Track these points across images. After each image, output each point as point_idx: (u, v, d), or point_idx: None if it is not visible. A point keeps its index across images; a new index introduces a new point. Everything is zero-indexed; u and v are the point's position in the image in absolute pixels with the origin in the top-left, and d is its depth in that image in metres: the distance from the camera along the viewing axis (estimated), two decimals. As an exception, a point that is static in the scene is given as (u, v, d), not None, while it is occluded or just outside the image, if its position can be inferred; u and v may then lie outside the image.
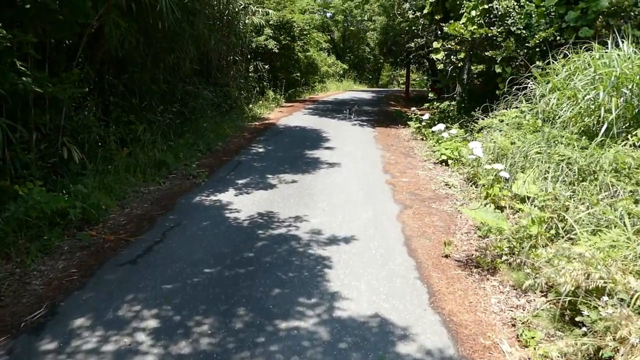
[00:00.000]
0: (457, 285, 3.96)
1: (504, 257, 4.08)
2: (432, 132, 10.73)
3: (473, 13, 9.39)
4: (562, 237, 4.10)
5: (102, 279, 4.05)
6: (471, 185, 6.79)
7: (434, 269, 4.25)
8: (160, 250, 4.63)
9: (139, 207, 6.01)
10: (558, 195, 4.36)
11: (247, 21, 16.17)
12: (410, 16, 12.27)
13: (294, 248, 4.72)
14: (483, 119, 8.45)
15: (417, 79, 52.38)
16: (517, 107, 7.66)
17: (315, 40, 26.20)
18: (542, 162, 5.41)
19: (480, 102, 10.55)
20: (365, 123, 14.55)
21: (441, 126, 9.71)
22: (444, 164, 8.43)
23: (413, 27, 17.11)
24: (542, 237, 4.20)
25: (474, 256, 4.44)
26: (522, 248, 4.11)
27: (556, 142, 5.48)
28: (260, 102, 17.31)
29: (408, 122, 13.99)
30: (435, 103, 11.49)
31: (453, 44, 9.99)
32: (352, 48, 43.13)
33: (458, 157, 8.15)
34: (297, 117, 15.56)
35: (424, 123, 11.43)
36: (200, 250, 4.62)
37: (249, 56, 16.55)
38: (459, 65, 10.11)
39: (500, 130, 7.34)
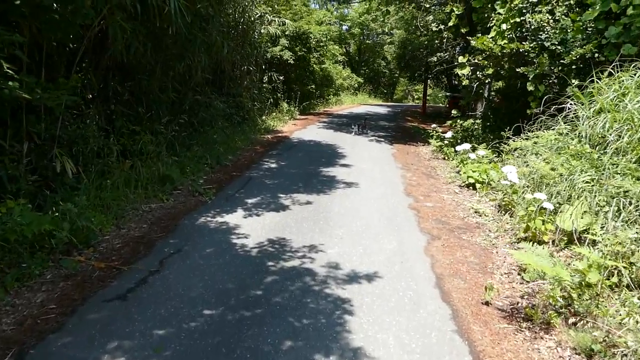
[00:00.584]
0: (505, 344, 3.30)
1: (560, 310, 3.42)
2: (456, 151, 10.09)
3: (504, 26, 8.79)
4: (629, 287, 3.44)
5: (84, 318, 3.46)
6: (504, 214, 6.13)
7: (474, 320, 3.60)
8: (156, 283, 4.03)
9: (137, 227, 5.44)
10: (623, 239, 3.69)
11: (262, 30, 15.72)
12: (434, 29, 11.67)
13: (309, 286, 4.09)
14: (514, 140, 7.80)
15: (431, 94, 51.82)
16: (554, 129, 7.00)
17: (331, 52, 25.78)
18: (592, 193, 4.75)
19: (507, 122, 9.93)
20: (382, 139, 13.95)
21: (466, 146, 9.07)
22: (470, 187, 7.78)
23: (435, 41, 16.54)
24: (603, 286, 3.54)
25: (520, 305, 3.77)
26: (582, 300, 3.45)
27: (610, 171, 4.82)
28: (274, 114, 16.82)
29: (428, 140, 13.39)
30: (458, 120, 10.86)
31: (480, 58, 9.38)
32: (368, 61, 42.74)
33: (487, 181, 7.50)
34: (311, 131, 15.00)
35: (446, 141, 10.81)
36: (201, 285, 4.01)
37: (263, 66, 16.08)
38: (486, 81, 9.49)
39: (537, 154, 6.68)
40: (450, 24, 9.93)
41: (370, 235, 5.42)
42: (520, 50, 8.58)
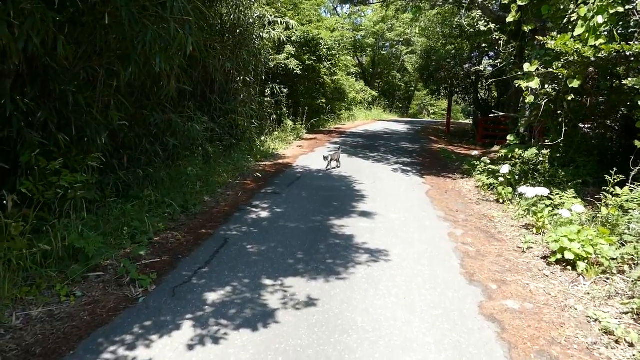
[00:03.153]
0: None
1: None
2: (518, 194, 7.33)
3: (599, 20, 6.04)
4: None
5: None
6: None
7: None
8: None
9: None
10: None
11: (264, 35, 13.11)
12: (482, 28, 8.96)
13: None
14: (613, 187, 5.04)
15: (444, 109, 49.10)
16: None
17: (344, 62, 23.19)
18: None
19: (598, 156, 7.19)
20: (409, 168, 11.17)
21: (541, 191, 6.29)
22: (564, 264, 4.99)
23: (481, 43, 13.80)
24: None
25: None
26: None
27: None
28: (276, 132, 14.16)
29: (466, 168, 10.63)
30: (516, 150, 8.09)
31: (558, 65, 6.62)
32: (382, 74, 40.15)
33: (594, 256, 4.72)
34: (319, 155, 12.25)
35: (501, 179, 8.02)
36: None
37: (263, 77, 13.45)
38: (568, 97, 6.71)
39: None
40: (510, 19, 7.26)
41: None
42: (627, 53, 5.83)
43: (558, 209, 6.41)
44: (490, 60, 10.12)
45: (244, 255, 4.98)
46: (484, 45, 12.73)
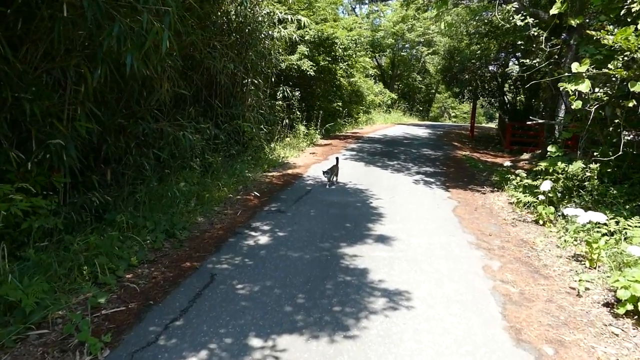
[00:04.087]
0: None
1: None
2: (562, 215, 6.27)
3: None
4: None
5: None
6: None
7: None
8: None
9: None
10: None
11: (274, 34, 12.19)
12: (518, 22, 7.87)
13: None
14: None
15: (468, 111, 47.48)
16: None
17: (361, 64, 22.15)
18: None
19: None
20: (432, 179, 10.10)
21: (597, 217, 5.20)
22: (635, 316, 3.91)
23: (514, 41, 12.61)
24: None
25: None
26: None
27: None
28: (288, 138, 13.20)
29: (496, 180, 9.56)
30: (559, 164, 6.96)
31: (618, 65, 5.52)
32: (402, 76, 38.94)
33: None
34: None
35: (541, 196, 6.93)
36: None
37: (273, 79, 12.52)
38: (629, 103, 5.59)
39: None
40: (554, 10, 6.19)
41: None
42: None
43: (614, 236, 5.33)
44: (527, 61, 8.95)
45: (231, 299, 4.02)
46: (519, 42, 11.51)
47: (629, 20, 5.84)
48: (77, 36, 4.71)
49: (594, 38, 5.83)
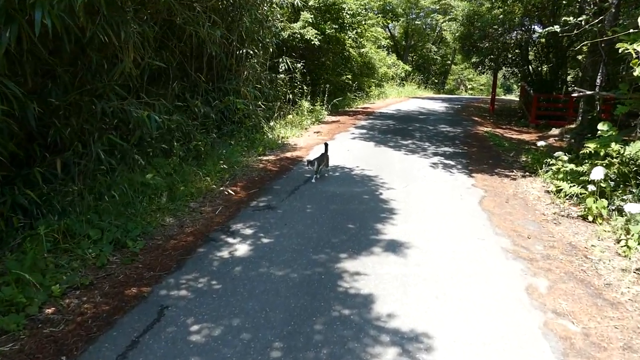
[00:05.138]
0: None
1: None
2: (620, 212, 4.98)
3: None
4: None
5: None
6: None
7: None
8: None
9: None
10: None
11: (273, -2, 10.80)
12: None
13: None
14: None
15: (486, 83, 45.35)
16: None
17: (373, 34, 20.56)
18: None
19: None
20: (452, 161, 8.76)
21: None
22: None
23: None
24: None
25: None
26: None
27: None
28: (290, 116, 11.90)
29: (526, 162, 8.26)
30: (613, 145, 5.60)
31: None
32: (416, 47, 37.03)
33: None
34: (340, 145, 9.98)
35: (591, 187, 5.60)
36: None
37: (271, 49, 11.15)
38: None
39: None
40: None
41: None
42: None
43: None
44: (556, 27, 7.49)
45: (179, 352, 2.85)
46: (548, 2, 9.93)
47: None
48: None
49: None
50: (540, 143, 8.57)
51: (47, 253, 3.78)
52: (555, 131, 12.72)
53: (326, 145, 7.44)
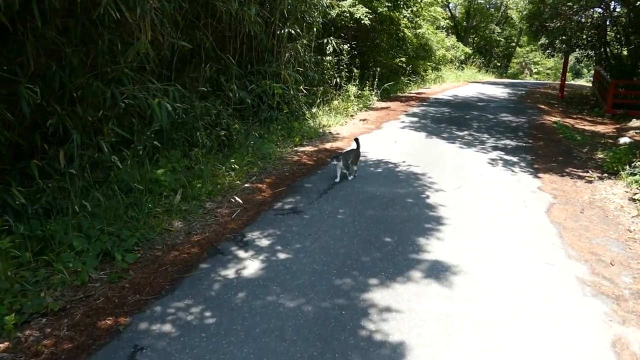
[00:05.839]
0: None
1: None
2: None
3: None
4: None
5: None
6: None
7: None
8: None
9: None
10: None
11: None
12: None
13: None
14: None
15: (553, 67, 42.25)
16: None
17: (431, 14, 19.19)
18: None
19: None
20: (514, 157, 7.65)
21: None
22: None
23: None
24: None
25: None
26: None
27: None
28: (336, 102, 11.05)
29: (604, 160, 7.08)
30: None
31: None
32: (478, 27, 34.86)
33: None
34: (387, 135, 9.07)
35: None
36: None
37: (317, 30, 10.30)
38: None
39: None
40: None
41: None
42: None
43: None
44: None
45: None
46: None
47: None
48: None
49: None
50: (623, 140, 7.29)
51: (19, 268, 3.21)
52: (636, 122, 11.17)
53: (357, 140, 6.46)
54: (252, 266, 3.69)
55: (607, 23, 15.14)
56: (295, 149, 7.67)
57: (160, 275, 3.51)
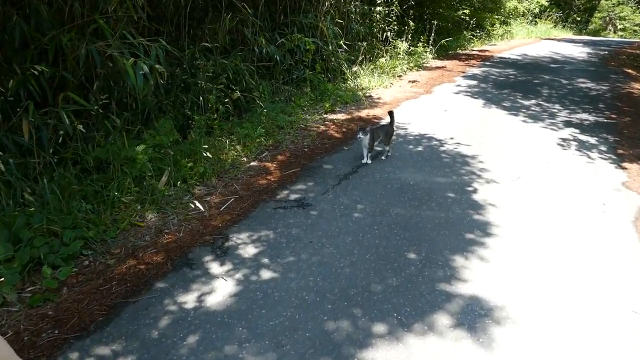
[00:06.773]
0: None
1: None
2: None
3: None
4: None
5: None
6: None
7: None
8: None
9: None
10: None
11: None
12: None
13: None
14: None
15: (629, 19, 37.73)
16: None
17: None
18: None
19: None
20: (591, 138, 6.20)
21: None
22: None
23: None
24: None
25: None
26: None
27: None
28: (383, 59, 9.72)
29: None
30: None
31: None
32: (557, -24, 31.22)
33: None
34: (436, 102, 7.77)
35: None
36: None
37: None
38: None
39: None
40: None
41: None
42: None
43: None
44: None
45: None
46: None
47: None
48: None
49: None
50: None
51: None
52: None
53: (391, 114, 5.18)
54: (221, 290, 2.78)
55: None
56: (325, 116, 6.59)
57: (98, 298, 2.67)
